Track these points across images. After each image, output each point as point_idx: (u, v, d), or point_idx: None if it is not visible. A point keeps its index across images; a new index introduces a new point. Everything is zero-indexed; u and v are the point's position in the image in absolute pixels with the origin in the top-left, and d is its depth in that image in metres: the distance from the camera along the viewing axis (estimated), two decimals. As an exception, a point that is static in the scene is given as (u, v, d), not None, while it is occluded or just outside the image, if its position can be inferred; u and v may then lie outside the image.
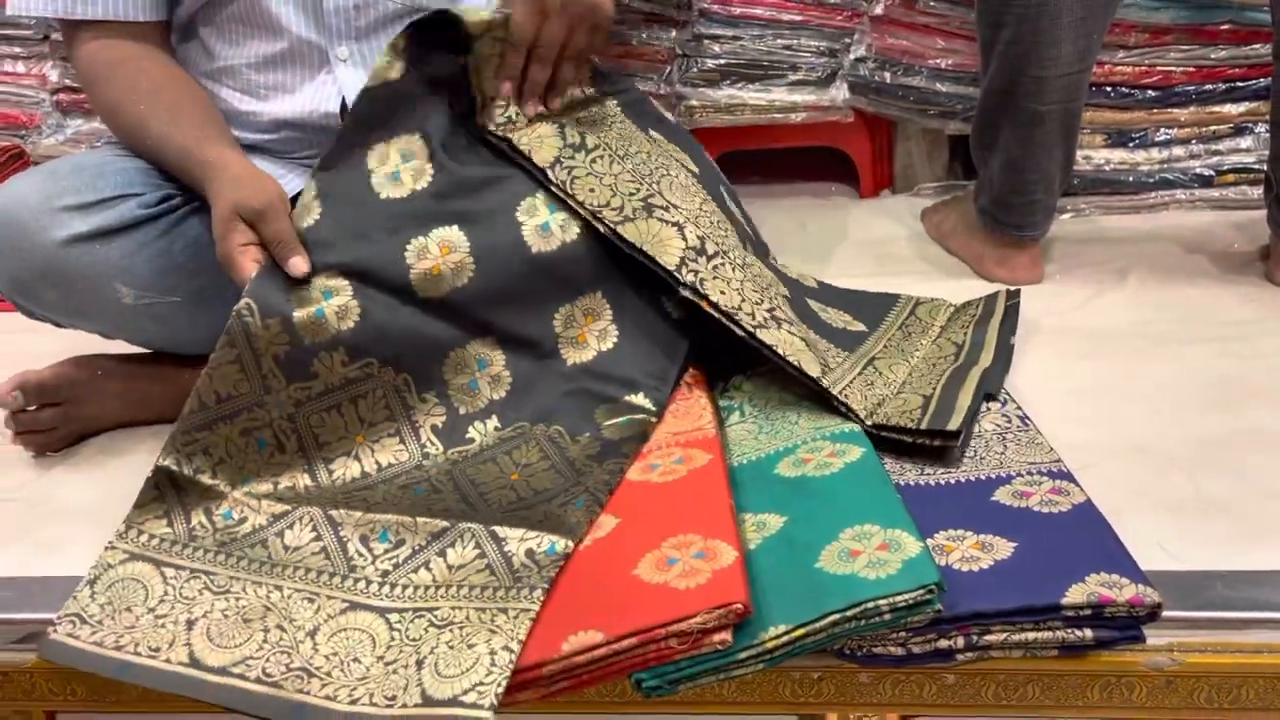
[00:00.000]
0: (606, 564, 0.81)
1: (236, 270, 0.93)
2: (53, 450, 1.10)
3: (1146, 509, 0.90)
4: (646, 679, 0.74)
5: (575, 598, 0.78)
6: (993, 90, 1.32)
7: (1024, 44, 1.26)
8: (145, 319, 1.05)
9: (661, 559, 0.79)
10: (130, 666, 0.80)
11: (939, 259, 1.48)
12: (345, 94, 1.12)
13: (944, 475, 0.93)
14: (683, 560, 0.78)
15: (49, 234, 1.00)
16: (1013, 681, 0.80)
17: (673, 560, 0.78)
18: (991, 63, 1.31)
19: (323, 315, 0.94)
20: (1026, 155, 1.32)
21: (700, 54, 1.61)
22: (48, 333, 1.14)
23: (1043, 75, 1.27)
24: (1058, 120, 1.30)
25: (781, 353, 0.99)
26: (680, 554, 0.79)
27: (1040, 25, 1.24)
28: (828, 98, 1.62)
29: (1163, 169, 1.57)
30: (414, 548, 0.86)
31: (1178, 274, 1.38)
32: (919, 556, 0.75)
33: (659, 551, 0.80)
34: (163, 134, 1.03)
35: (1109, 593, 0.75)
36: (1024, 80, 1.28)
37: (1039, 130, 1.30)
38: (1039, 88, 1.27)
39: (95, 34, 1.08)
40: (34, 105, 1.71)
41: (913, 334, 1.18)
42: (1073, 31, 1.25)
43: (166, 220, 1.05)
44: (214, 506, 0.92)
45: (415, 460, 0.97)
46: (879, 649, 0.77)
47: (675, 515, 0.84)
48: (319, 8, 1.09)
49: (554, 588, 0.79)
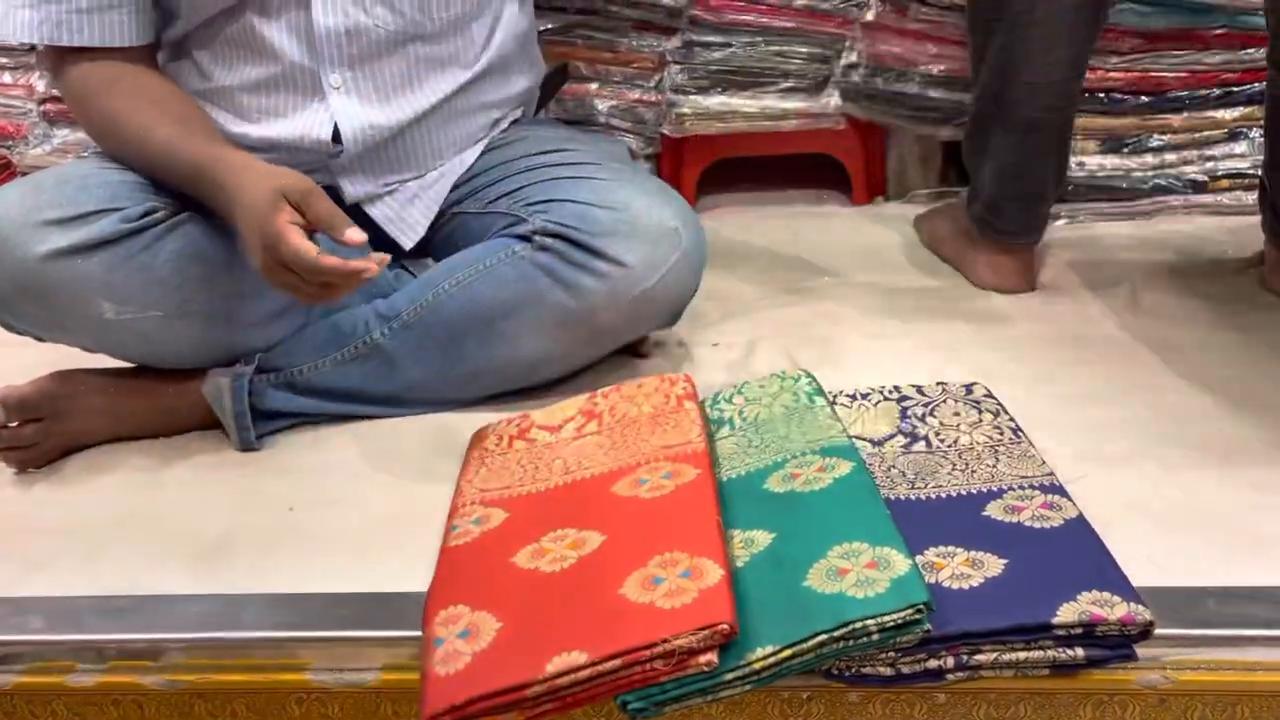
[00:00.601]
0: (593, 582, 0.80)
1: (287, 243, 0.92)
2: (35, 467, 1.09)
3: (1138, 522, 0.89)
4: (632, 701, 0.72)
5: (561, 618, 0.77)
6: (984, 97, 1.31)
7: (1015, 51, 1.25)
8: (128, 334, 1.04)
9: (648, 578, 0.78)
10: None
11: (932, 266, 1.47)
12: (338, 121, 1.12)
13: (935, 489, 0.92)
14: (669, 579, 0.77)
15: (30, 249, 0.99)
16: (1004, 700, 0.79)
17: (659, 580, 0.77)
18: (982, 70, 1.30)
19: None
20: (1018, 162, 1.31)
21: (691, 61, 1.60)
22: (29, 347, 1.13)
23: (1034, 82, 1.26)
24: (1050, 127, 1.29)
25: None
26: (666, 573, 0.78)
27: (1031, 33, 1.23)
28: (819, 105, 1.61)
29: (1156, 175, 1.56)
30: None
31: (1172, 280, 1.37)
32: (908, 575, 0.74)
33: (645, 570, 0.79)
34: (171, 139, 1.03)
35: (1101, 611, 0.74)
36: (1015, 87, 1.27)
37: (1031, 137, 1.29)
38: (1030, 95, 1.26)
39: (85, 57, 1.07)
40: (21, 115, 1.70)
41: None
42: (1064, 38, 1.24)
43: (149, 234, 1.03)
44: None
45: None
46: (868, 669, 0.76)
47: (662, 532, 0.83)
48: (311, 34, 1.09)
49: (540, 606, 0.78)
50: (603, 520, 0.87)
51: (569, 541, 0.85)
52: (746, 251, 1.54)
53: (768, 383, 1.08)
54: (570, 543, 0.85)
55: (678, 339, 1.27)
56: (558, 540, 0.86)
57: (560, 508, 0.91)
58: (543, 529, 0.88)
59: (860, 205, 1.71)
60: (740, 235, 1.59)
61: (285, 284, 0.96)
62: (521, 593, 0.81)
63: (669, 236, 1.08)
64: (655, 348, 1.25)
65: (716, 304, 1.33)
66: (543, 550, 0.85)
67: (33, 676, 0.86)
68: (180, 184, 1.04)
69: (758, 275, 1.46)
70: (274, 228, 0.93)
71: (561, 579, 0.81)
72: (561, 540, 0.86)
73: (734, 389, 1.08)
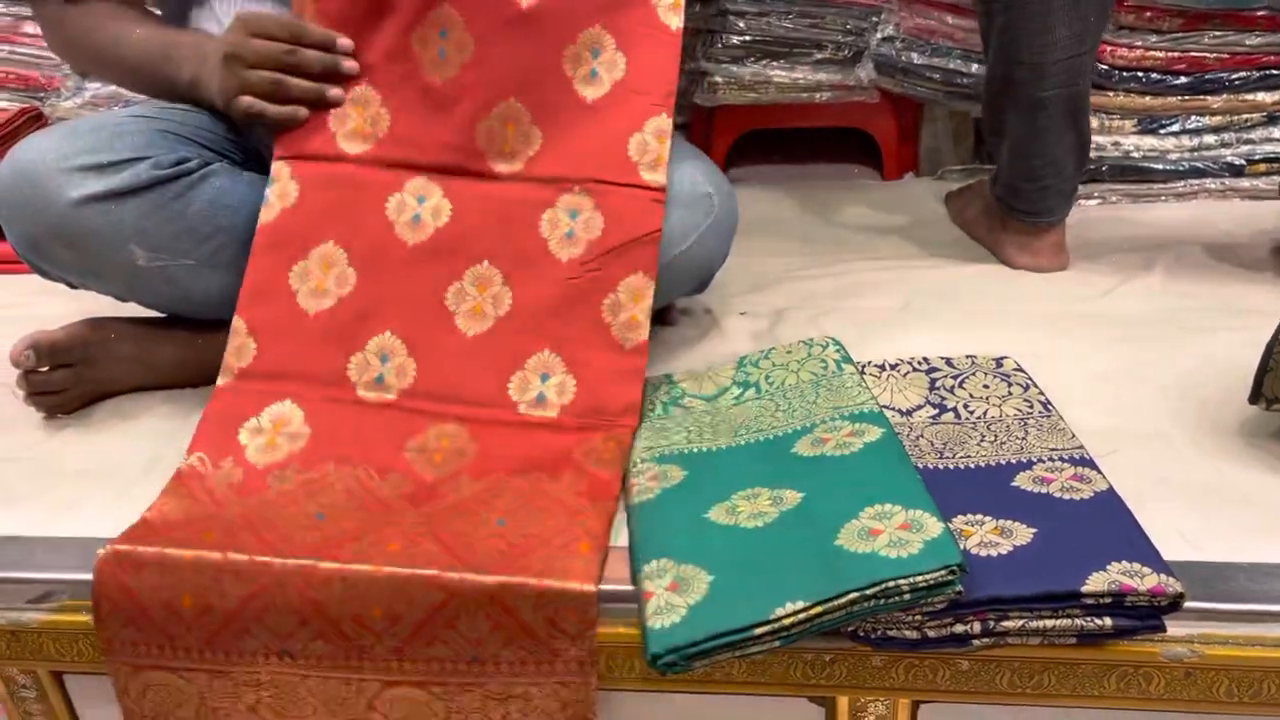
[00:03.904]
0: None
1: (264, 14, 1.02)
2: (64, 412, 1.10)
3: (1168, 497, 0.88)
4: (663, 655, 0.73)
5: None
6: (994, 78, 1.30)
7: (1016, 31, 1.24)
8: (159, 281, 1.05)
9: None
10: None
11: (962, 242, 1.46)
12: None
13: (963, 459, 0.91)
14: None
15: (64, 193, 0.99)
16: (1028, 669, 0.78)
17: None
18: (990, 50, 1.29)
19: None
20: (1032, 141, 1.30)
21: (726, 30, 1.59)
22: (61, 294, 1.13)
23: (1039, 61, 1.24)
24: (1060, 105, 1.27)
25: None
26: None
27: (1029, 11, 1.22)
28: (853, 77, 1.60)
29: (1193, 157, 1.54)
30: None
31: (1205, 263, 1.35)
32: (941, 537, 0.74)
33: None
34: (147, 34, 1.08)
35: (1130, 581, 0.74)
36: (1020, 67, 1.25)
37: (1042, 116, 1.27)
38: (1036, 74, 1.25)
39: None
40: (53, 68, 1.71)
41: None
42: (1065, 15, 1.22)
43: (181, 183, 1.03)
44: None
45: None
46: (893, 632, 0.76)
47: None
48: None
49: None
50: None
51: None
52: (776, 223, 1.53)
53: (795, 349, 1.07)
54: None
55: (705, 307, 1.27)
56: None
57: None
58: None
59: (891, 180, 1.70)
60: (770, 207, 1.59)
61: (245, 80, 1.01)
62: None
63: (701, 202, 1.08)
64: (682, 315, 1.25)
65: (744, 274, 1.32)
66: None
67: (59, 615, 0.88)
68: (154, 73, 1.08)
69: (786, 247, 1.45)
70: (247, 14, 1.00)
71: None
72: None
73: (761, 353, 1.08)
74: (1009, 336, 1.14)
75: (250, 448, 0.96)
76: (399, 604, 0.81)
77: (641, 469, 0.93)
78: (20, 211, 1.01)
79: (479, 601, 0.79)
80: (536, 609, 0.79)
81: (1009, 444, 0.93)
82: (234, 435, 0.97)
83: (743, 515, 0.83)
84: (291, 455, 0.96)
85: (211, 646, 0.84)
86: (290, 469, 0.95)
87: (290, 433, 0.98)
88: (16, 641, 0.89)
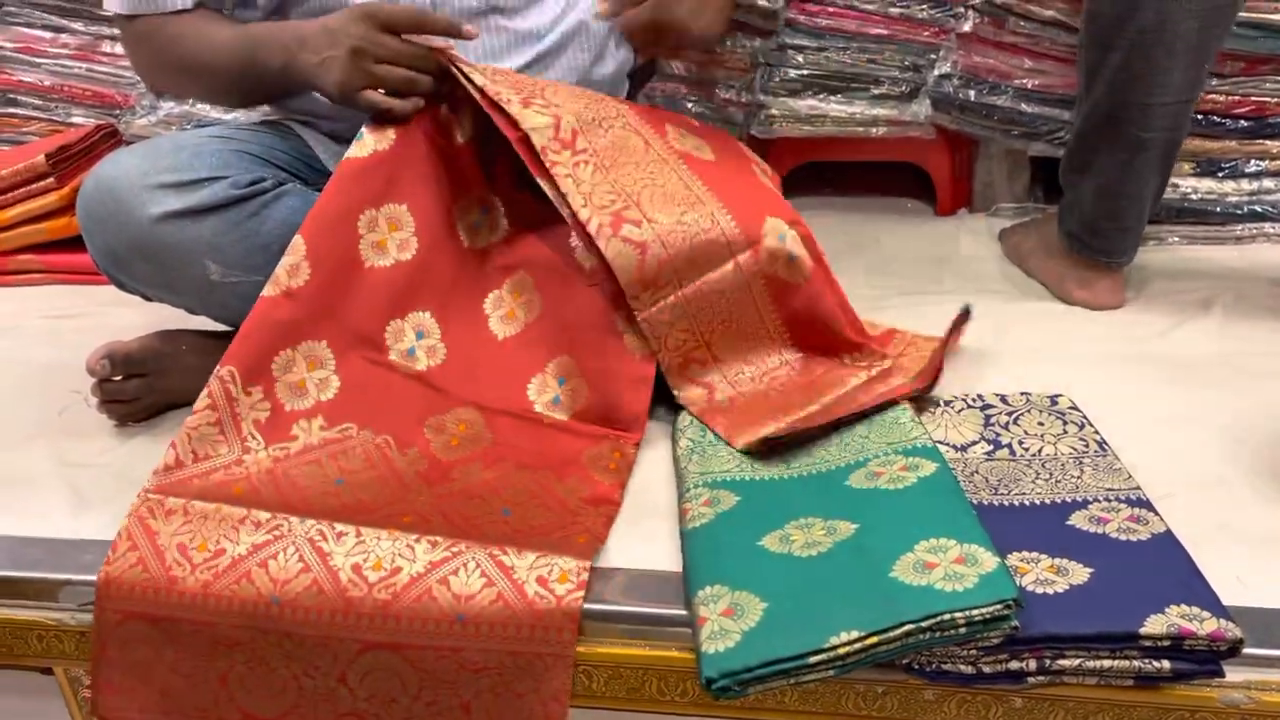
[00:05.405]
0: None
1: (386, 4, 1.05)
2: (135, 420, 1.13)
3: (1226, 541, 0.88)
4: (717, 680, 0.73)
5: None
6: (1095, 114, 1.29)
7: (1134, 70, 1.23)
8: (231, 296, 1.08)
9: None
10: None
11: (1017, 279, 1.45)
12: None
13: (1018, 496, 0.91)
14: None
15: (145, 209, 1.03)
16: (1082, 709, 0.78)
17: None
18: (1096, 86, 1.28)
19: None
20: (1123, 182, 1.29)
21: (784, 64, 1.61)
22: (134, 305, 1.17)
23: (1150, 103, 1.24)
24: (1159, 149, 1.27)
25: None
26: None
27: (1154, 52, 1.21)
28: (910, 113, 1.60)
29: (1252, 200, 1.53)
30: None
31: (1263, 307, 1.34)
32: (996, 571, 0.74)
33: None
34: (232, 33, 1.11)
35: (1190, 625, 0.74)
36: (1130, 107, 1.25)
37: (1139, 158, 1.27)
38: (1144, 115, 1.25)
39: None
40: (129, 86, 1.76)
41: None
42: (1185, 59, 1.22)
43: (256, 202, 1.07)
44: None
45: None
46: (948, 666, 0.76)
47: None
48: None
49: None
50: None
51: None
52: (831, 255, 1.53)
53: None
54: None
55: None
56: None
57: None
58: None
59: (944, 216, 1.71)
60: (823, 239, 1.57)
61: (374, 75, 1.03)
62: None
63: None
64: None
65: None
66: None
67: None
68: (242, 70, 1.10)
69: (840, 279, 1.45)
70: (371, 4, 1.03)
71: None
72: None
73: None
74: (1064, 375, 1.14)
75: (280, 384, 1.00)
76: (401, 558, 0.85)
77: (695, 494, 0.94)
78: (103, 225, 1.05)
79: (477, 560, 0.84)
80: (531, 568, 0.83)
81: (1064, 482, 0.93)
82: (266, 362, 1.00)
83: (796, 544, 0.84)
84: (318, 405, 1.00)
85: (205, 594, 0.86)
86: (316, 421, 0.99)
87: (319, 379, 1.01)
88: (85, 642, 0.92)
